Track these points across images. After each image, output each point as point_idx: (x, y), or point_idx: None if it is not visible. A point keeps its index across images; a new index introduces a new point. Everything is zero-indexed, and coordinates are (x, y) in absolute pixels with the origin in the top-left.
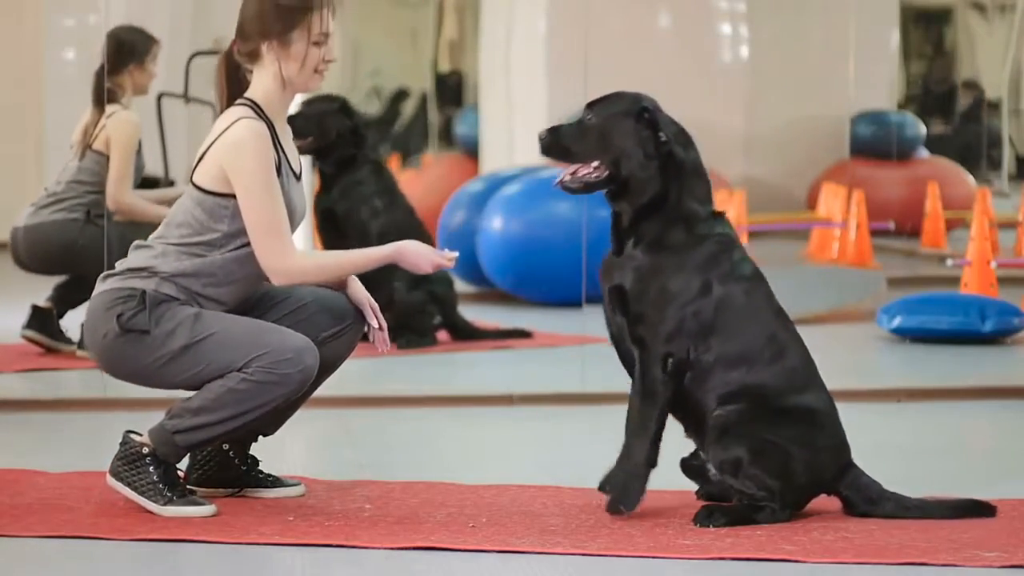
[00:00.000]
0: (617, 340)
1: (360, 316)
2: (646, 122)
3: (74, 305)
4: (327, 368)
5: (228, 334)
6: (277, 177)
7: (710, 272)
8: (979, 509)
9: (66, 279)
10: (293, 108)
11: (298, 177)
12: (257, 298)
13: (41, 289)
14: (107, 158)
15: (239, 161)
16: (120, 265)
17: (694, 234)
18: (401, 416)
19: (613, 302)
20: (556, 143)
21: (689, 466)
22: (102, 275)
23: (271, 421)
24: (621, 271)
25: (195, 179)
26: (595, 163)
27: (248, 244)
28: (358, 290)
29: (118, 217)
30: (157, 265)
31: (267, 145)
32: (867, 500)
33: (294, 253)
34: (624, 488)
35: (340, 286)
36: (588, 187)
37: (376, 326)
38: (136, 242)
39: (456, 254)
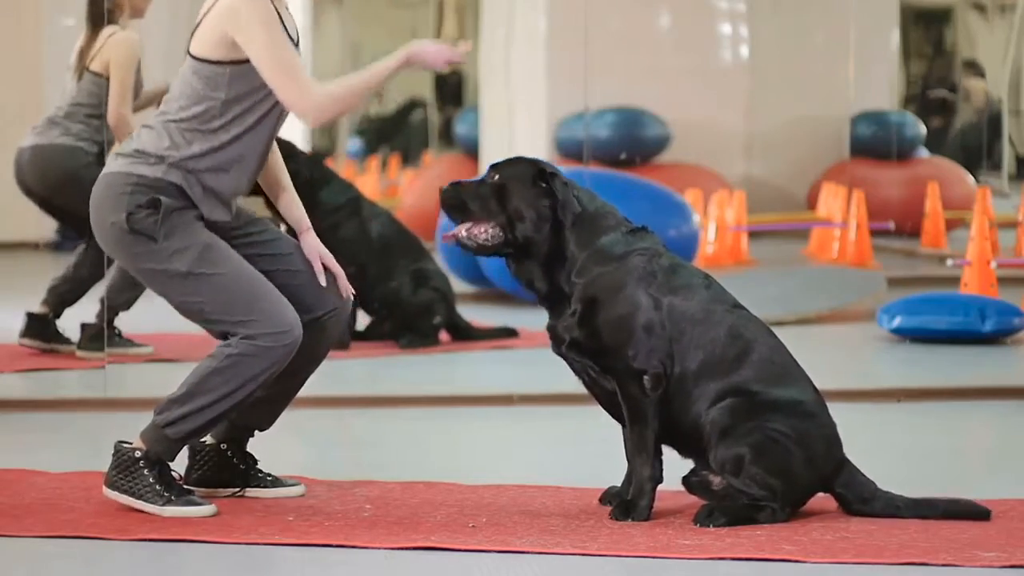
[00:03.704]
0: (593, 387)
1: (343, 304)
2: (541, 188)
3: (69, 304)
4: (312, 360)
5: (230, 281)
6: None
7: (648, 285)
8: (971, 511)
9: (57, 280)
10: None
11: (296, 44)
12: (261, 240)
13: (39, 291)
14: (105, 79)
15: (242, 16)
16: (128, 146)
17: (615, 255)
18: (401, 416)
19: (574, 356)
20: (455, 197)
21: (691, 482)
22: (114, 151)
23: (264, 415)
24: (567, 328)
25: (192, 49)
26: (491, 224)
27: (247, 112)
28: (311, 243)
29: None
30: (164, 150)
31: (265, 1)
32: (860, 499)
33: (316, 86)
34: (632, 504)
35: (297, 234)
36: (481, 249)
37: (327, 282)
38: (143, 123)
39: (469, 44)
